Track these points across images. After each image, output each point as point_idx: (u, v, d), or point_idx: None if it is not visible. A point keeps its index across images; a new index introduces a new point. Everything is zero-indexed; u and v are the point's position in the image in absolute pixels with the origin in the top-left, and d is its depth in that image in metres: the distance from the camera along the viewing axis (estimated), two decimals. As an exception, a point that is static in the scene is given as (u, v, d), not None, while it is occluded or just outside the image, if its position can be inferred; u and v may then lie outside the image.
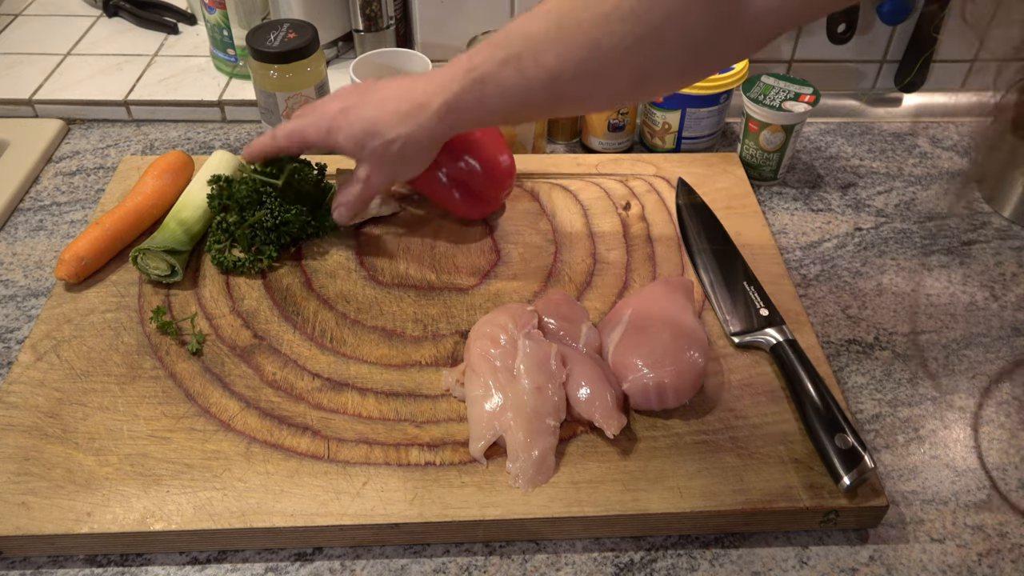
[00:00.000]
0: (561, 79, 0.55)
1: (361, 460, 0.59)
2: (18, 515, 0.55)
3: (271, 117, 0.86)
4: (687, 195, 0.82)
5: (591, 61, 0.53)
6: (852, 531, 0.59)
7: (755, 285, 0.72)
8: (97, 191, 0.86)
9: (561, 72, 0.55)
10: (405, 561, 0.57)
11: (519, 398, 0.60)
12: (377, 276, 0.74)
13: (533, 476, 0.58)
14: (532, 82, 0.56)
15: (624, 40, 0.52)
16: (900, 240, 0.83)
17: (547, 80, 0.55)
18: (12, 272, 0.77)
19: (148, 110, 0.96)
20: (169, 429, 0.61)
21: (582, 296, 0.73)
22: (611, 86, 0.56)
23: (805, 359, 0.65)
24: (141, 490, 0.57)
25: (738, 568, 0.57)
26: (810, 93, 0.85)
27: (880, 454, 0.64)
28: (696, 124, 0.89)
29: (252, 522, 0.55)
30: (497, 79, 0.57)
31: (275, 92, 0.83)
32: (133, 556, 0.57)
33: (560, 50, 0.54)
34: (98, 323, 0.69)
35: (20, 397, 0.63)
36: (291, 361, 0.66)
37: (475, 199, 0.77)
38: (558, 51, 0.54)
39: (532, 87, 0.56)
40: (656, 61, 0.53)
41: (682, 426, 0.62)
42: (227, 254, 0.73)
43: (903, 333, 0.73)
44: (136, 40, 1.07)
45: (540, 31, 0.55)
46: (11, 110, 0.95)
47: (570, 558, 0.57)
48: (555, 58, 0.54)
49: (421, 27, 0.96)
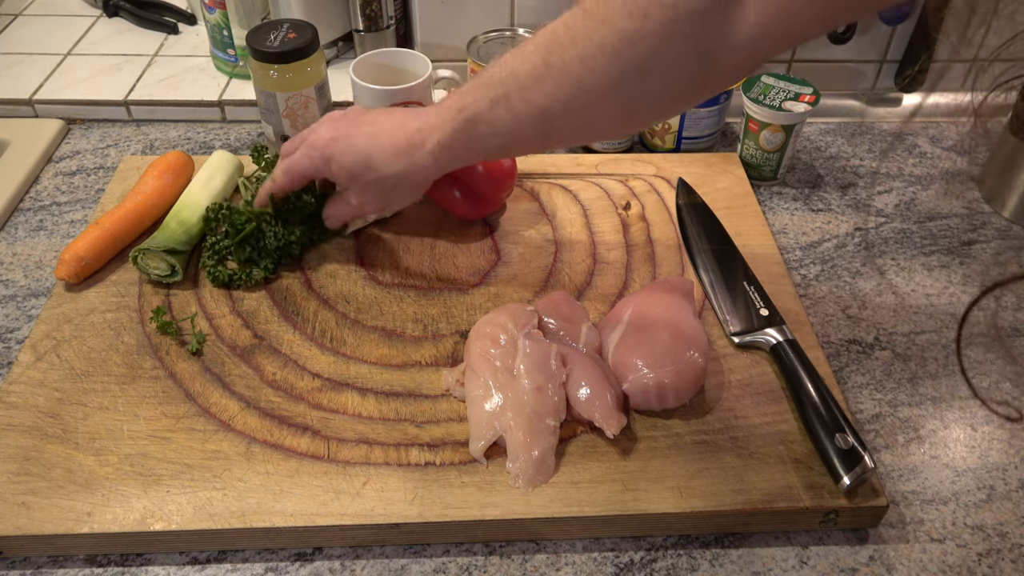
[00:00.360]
0: (550, 116, 0.56)
1: (361, 460, 0.59)
2: (18, 515, 0.55)
3: (271, 117, 0.86)
4: (687, 195, 0.82)
5: (579, 97, 0.54)
6: (852, 531, 0.59)
7: (755, 285, 0.72)
8: (97, 191, 0.86)
9: (549, 109, 0.55)
10: (405, 561, 0.57)
11: (519, 398, 0.60)
12: (377, 276, 0.74)
13: (533, 476, 0.58)
14: (522, 120, 0.57)
15: (610, 78, 0.52)
16: (900, 240, 0.83)
17: (537, 117, 0.56)
18: (12, 272, 0.77)
19: (148, 110, 0.96)
20: (169, 429, 0.61)
21: (582, 296, 0.73)
22: (600, 121, 0.57)
23: (805, 359, 0.65)
24: (141, 490, 0.57)
25: (738, 568, 0.57)
26: (810, 93, 0.85)
27: (880, 454, 0.64)
28: (696, 124, 0.90)
29: (252, 522, 0.55)
30: (488, 119, 0.58)
31: (275, 92, 0.83)
32: (133, 556, 0.57)
33: (548, 88, 0.54)
34: (98, 323, 0.69)
35: (20, 397, 0.63)
36: (291, 361, 0.66)
37: (476, 199, 0.77)
38: (546, 89, 0.55)
39: (522, 125, 0.57)
40: (643, 96, 0.54)
41: (682, 426, 0.62)
42: (221, 268, 0.72)
43: (903, 333, 0.73)
44: (136, 40, 1.07)
45: (527, 70, 0.55)
46: (11, 110, 0.95)
47: (570, 558, 0.57)
48: (543, 96, 0.55)
49: (421, 27, 0.96)
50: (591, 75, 0.53)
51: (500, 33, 0.89)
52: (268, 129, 0.88)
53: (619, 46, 0.51)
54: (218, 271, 0.71)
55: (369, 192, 0.68)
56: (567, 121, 0.56)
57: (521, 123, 0.57)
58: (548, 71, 0.54)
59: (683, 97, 0.56)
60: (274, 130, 0.87)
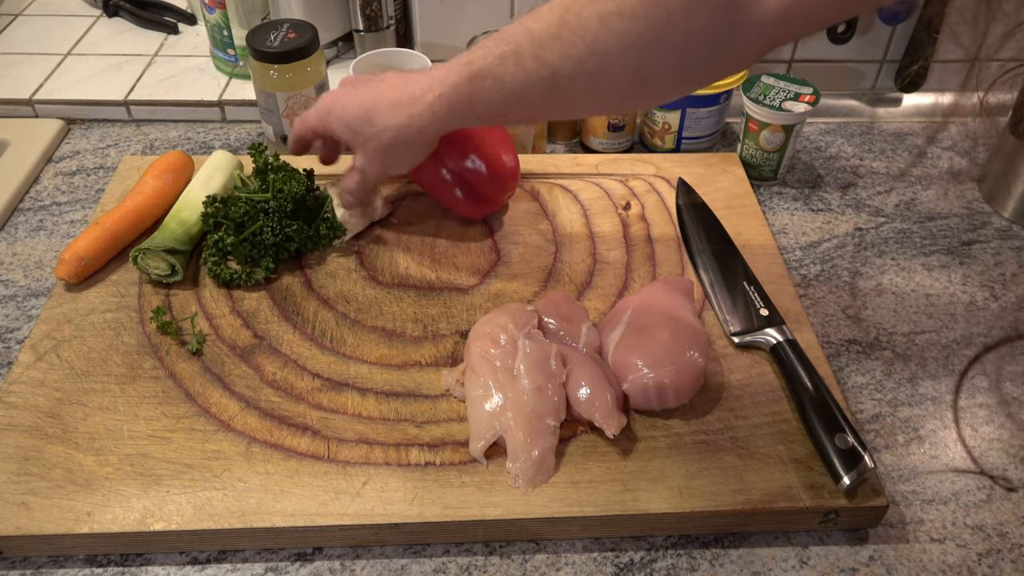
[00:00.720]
0: (560, 76, 0.55)
1: (361, 460, 0.59)
2: (18, 515, 0.55)
3: (271, 117, 0.86)
4: (687, 195, 0.82)
5: (592, 58, 0.53)
6: (852, 531, 0.59)
7: (755, 285, 0.72)
8: (97, 191, 0.86)
9: (560, 68, 0.54)
10: (405, 561, 0.57)
11: (519, 398, 0.60)
12: (377, 276, 0.74)
13: (533, 476, 0.58)
14: (531, 77, 0.56)
15: (626, 38, 0.51)
16: (900, 240, 0.83)
17: (546, 76, 0.55)
18: (12, 272, 0.77)
19: (148, 110, 0.96)
20: (169, 429, 0.61)
21: (582, 296, 0.73)
22: (610, 86, 0.56)
23: (805, 359, 0.65)
24: (141, 490, 0.57)
25: (738, 568, 0.57)
26: (810, 93, 0.85)
27: (880, 454, 0.64)
28: (696, 124, 0.90)
29: (252, 522, 0.55)
30: (496, 74, 0.57)
31: (275, 92, 0.83)
32: (133, 556, 0.57)
33: (561, 46, 0.53)
34: (98, 323, 0.69)
35: (20, 397, 0.63)
36: (291, 361, 0.66)
37: (477, 198, 0.77)
38: (559, 47, 0.54)
39: (531, 83, 0.56)
40: (657, 63, 0.53)
41: (682, 426, 0.62)
42: (223, 267, 0.72)
43: (903, 333, 0.73)
44: (136, 40, 1.07)
45: (542, 27, 0.54)
46: (11, 110, 0.95)
47: (570, 558, 0.57)
48: (556, 54, 0.54)
49: (421, 27, 0.96)
50: (608, 34, 0.52)
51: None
52: (268, 129, 0.88)
53: (640, 7, 0.50)
54: (220, 269, 0.71)
55: (369, 149, 0.67)
56: (576, 84, 0.55)
57: (529, 81, 0.56)
58: (563, 28, 0.53)
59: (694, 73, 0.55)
60: (274, 130, 0.87)
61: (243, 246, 0.72)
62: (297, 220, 0.74)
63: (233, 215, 0.72)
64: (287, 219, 0.73)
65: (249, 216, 0.72)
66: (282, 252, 0.74)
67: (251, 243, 0.72)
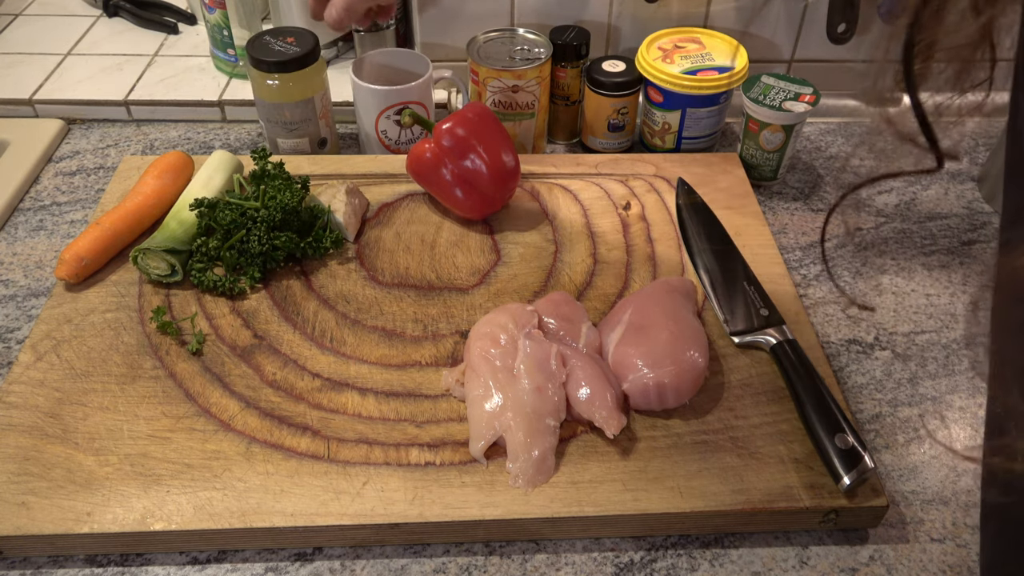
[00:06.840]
0: None
1: (361, 460, 0.59)
2: (18, 515, 0.55)
3: (271, 124, 0.86)
4: (687, 195, 0.82)
5: None
6: (852, 531, 0.59)
7: (755, 285, 0.72)
8: (97, 191, 0.86)
9: None
10: (405, 561, 0.57)
11: (519, 398, 0.60)
12: (377, 276, 0.74)
13: (533, 476, 0.58)
14: None
15: None
16: (900, 240, 0.83)
17: None
18: (12, 272, 0.77)
19: (148, 110, 0.96)
20: (169, 429, 0.61)
21: (582, 296, 0.73)
22: None
23: (805, 359, 0.65)
24: (141, 490, 0.57)
25: (738, 568, 0.57)
26: (810, 93, 0.85)
27: (880, 454, 0.64)
28: (696, 124, 0.89)
29: (252, 522, 0.55)
30: None
31: (274, 102, 0.83)
32: (133, 556, 0.57)
33: None
34: (98, 323, 0.69)
35: (20, 397, 0.63)
36: (291, 361, 0.66)
37: (478, 198, 0.77)
38: None
39: None
40: None
41: (682, 426, 0.62)
42: (208, 273, 0.71)
43: (903, 333, 0.73)
44: (136, 40, 1.07)
45: None
46: (11, 110, 0.95)
47: (570, 558, 0.57)
48: None
49: (421, 27, 0.96)
50: None
51: (500, 33, 0.89)
52: (269, 129, 0.87)
53: None
54: (204, 276, 0.71)
55: None
56: None
57: None
58: None
59: None
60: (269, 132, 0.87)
61: (230, 253, 0.72)
62: (287, 231, 0.73)
63: (221, 220, 0.72)
64: (276, 230, 0.72)
65: (236, 223, 0.72)
66: (270, 262, 0.73)
67: (238, 251, 0.72)
